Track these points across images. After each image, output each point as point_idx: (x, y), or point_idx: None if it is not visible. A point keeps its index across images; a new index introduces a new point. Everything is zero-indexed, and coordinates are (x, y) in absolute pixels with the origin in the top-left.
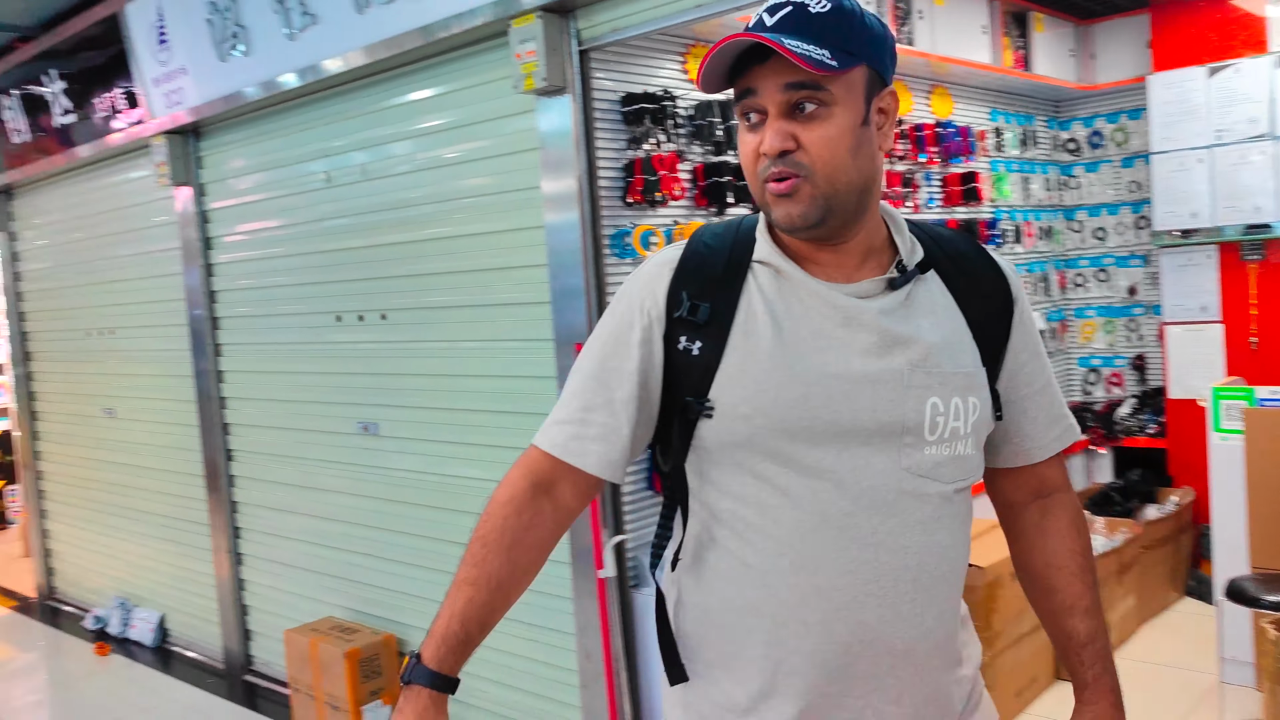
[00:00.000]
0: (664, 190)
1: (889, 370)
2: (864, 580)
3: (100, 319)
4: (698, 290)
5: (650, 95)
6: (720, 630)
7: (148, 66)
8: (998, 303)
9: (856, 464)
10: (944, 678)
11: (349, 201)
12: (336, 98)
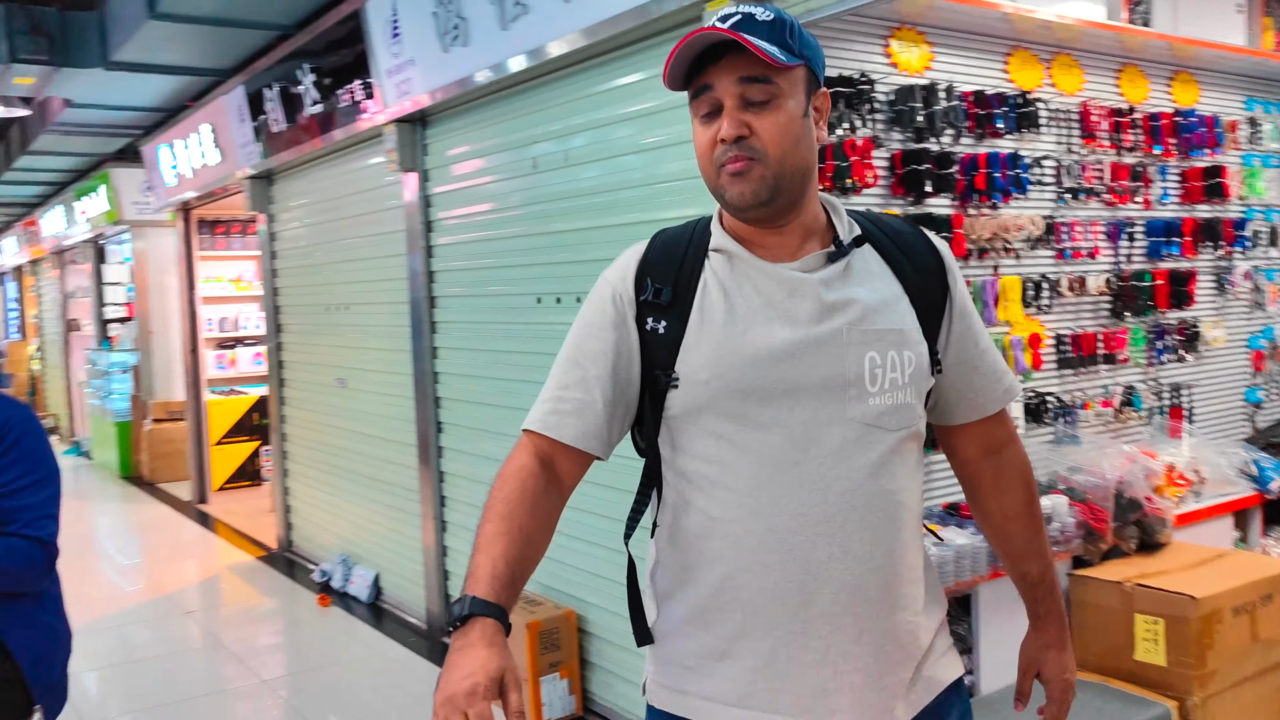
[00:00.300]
0: (855, 177)
1: (830, 331)
2: (814, 522)
3: (337, 295)
4: (660, 277)
5: (845, 79)
6: (693, 584)
7: (382, 58)
8: (934, 272)
9: (806, 417)
10: (902, 617)
11: (552, 187)
12: (544, 86)
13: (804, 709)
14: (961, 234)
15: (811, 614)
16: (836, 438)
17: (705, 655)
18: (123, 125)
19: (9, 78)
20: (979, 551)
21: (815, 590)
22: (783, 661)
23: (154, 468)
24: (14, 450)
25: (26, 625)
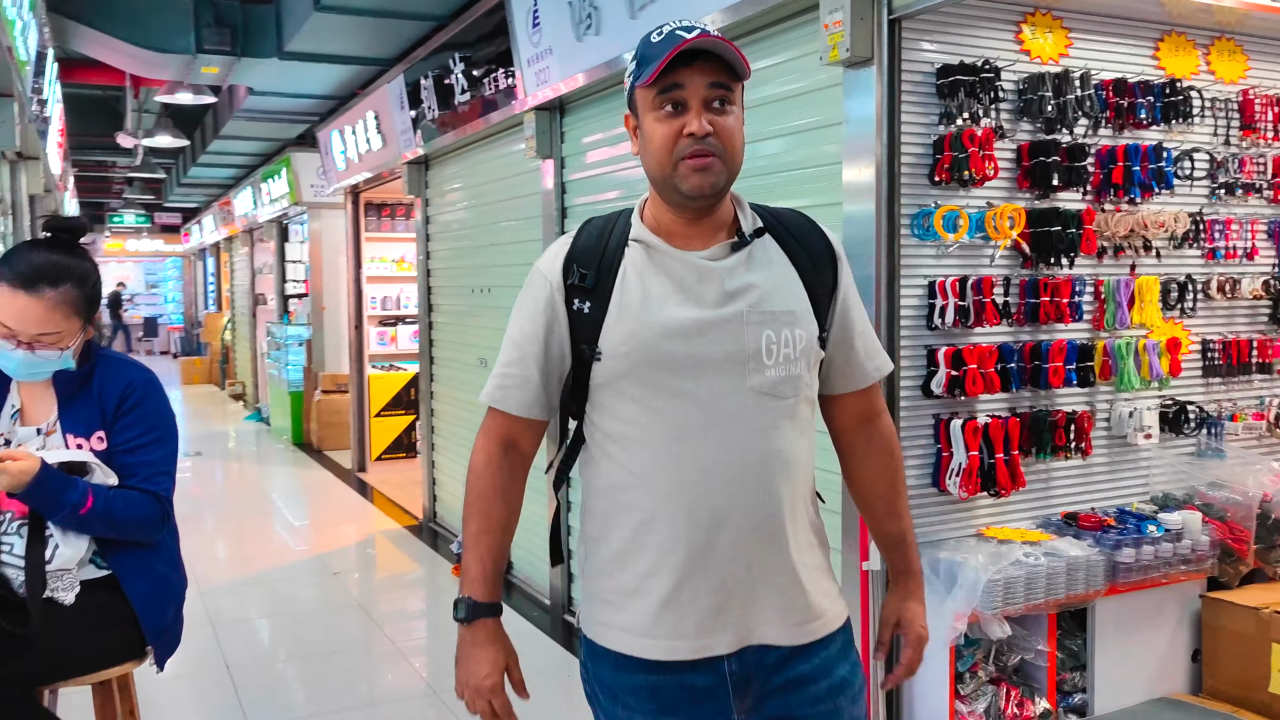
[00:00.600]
0: (973, 169)
1: (732, 313)
2: (718, 476)
3: (481, 278)
4: (585, 264)
5: (967, 66)
6: (614, 529)
7: (524, 48)
8: (825, 259)
9: (711, 386)
10: (791, 556)
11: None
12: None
13: (703, 632)
14: (1092, 230)
15: (712, 552)
16: (737, 404)
17: (622, 592)
18: (300, 112)
19: (197, 67)
20: (1094, 565)
21: (717, 532)
22: (686, 594)
23: (321, 436)
24: (136, 410)
25: (141, 573)
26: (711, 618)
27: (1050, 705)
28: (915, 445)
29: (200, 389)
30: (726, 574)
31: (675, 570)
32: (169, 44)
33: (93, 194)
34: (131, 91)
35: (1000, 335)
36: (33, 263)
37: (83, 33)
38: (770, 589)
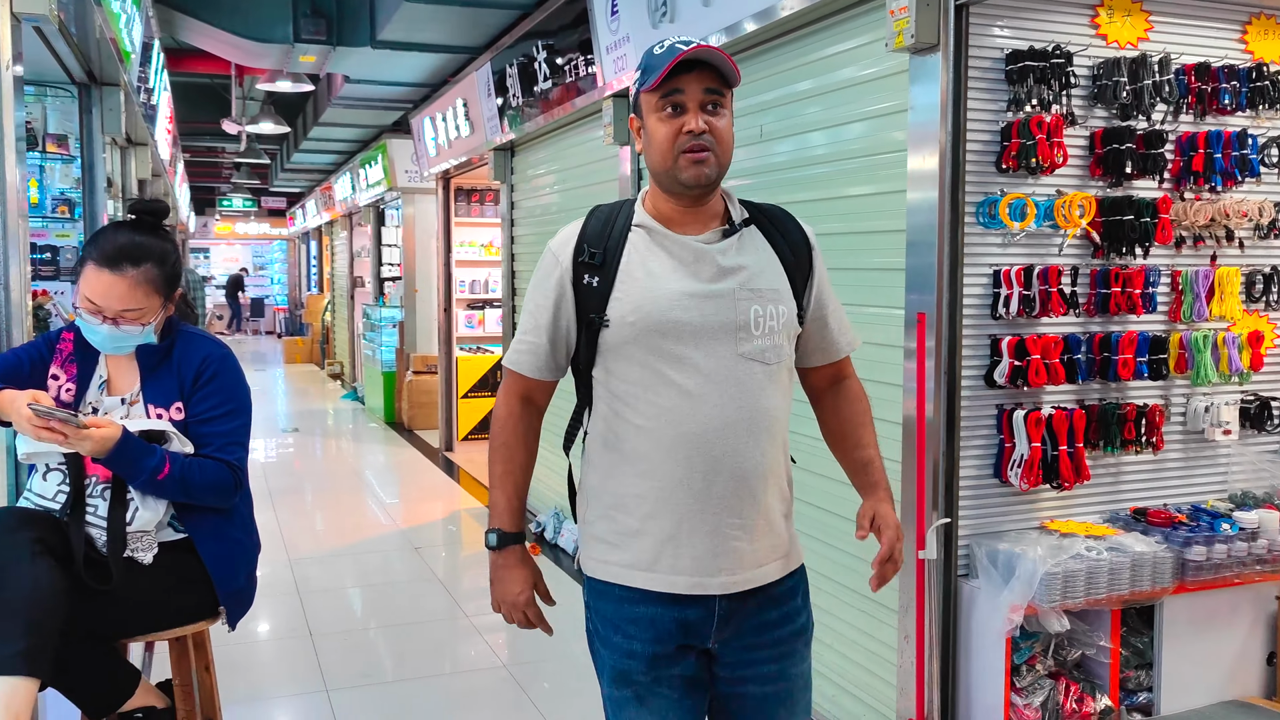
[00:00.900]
0: (1040, 156)
1: (724, 289)
2: (714, 429)
3: None
4: (594, 244)
5: (1037, 52)
6: (618, 478)
7: (603, 35)
8: (803, 249)
9: (707, 352)
10: (771, 503)
11: (747, 162)
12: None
13: (698, 569)
14: (1168, 219)
15: (708, 497)
16: (729, 368)
17: (625, 533)
18: (394, 99)
19: (295, 56)
20: (1161, 562)
21: (713, 479)
22: (684, 534)
23: (412, 415)
24: (212, 383)
25: (215, 537)
26: (708, 558)
27: (1112, 702)
28: (976, 435)
29: (301, 368)
30: (720, 518)
31: (674, 513)
32: (268, 34)
33: (203, 178)
34: (236, 80)
35: (1067, 326)
36: (117, 243)
37: (189, 24)
38: (754, 533)
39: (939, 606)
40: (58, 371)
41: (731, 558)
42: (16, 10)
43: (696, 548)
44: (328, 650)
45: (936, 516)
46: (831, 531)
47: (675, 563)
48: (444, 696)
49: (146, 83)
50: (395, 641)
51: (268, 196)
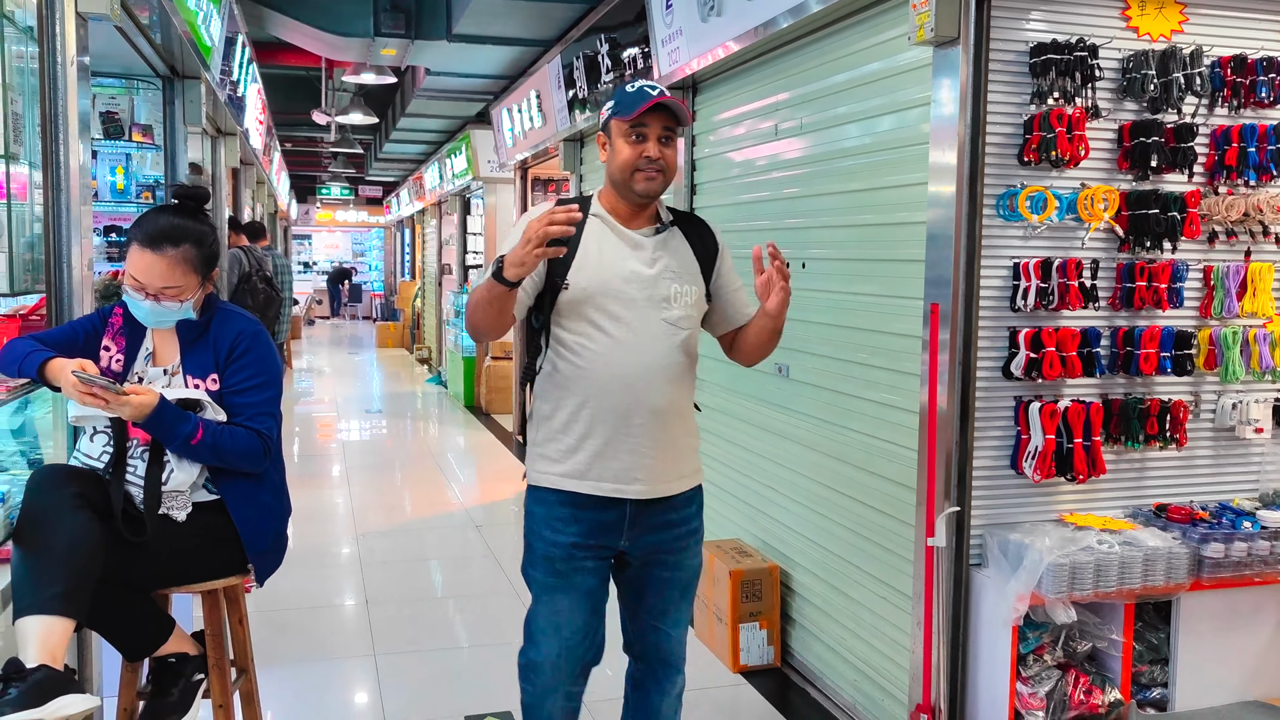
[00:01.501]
0: (1060, 149)
1: (654, 270)
2: (638, 374)
3: None
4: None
5: (1060, 45)
6: (562, 407)
7: (658, 28)
8: (712, 247)
9: (638, 315)
10: (679, 433)
11: (789, 153)
12: (786, 55)
13: (618, 479)
14: (1195, 214)
15: (630, 425)
16: (653, 330)
17: (565, 450)
18: (475, 91)
19: (376, 49)
20: (1177, 557)
21: (634, 410)
22: (610, 452)
23: (489, 400)
24: (245, 357)
25: (245, 500)
26: (626, 471)
27: (1123, 696)
28: (993, 426)
29: (393, 352)
30: (638, 441)
31: (604, 435)
32: (350, 28)
33: (302, 167)
34: (326, 73)
35: (1089, 319)
36: (159, 225)
37: (276, 19)
38: (663, 455)
39: (950, 595)
40: (109, 343)
41: (644, 472)
42: (81, 9)
43: (618, 463)
44: (380, 618)
45: (947, 505)
46: (860, 520)
47: (601, 473)
48: (482, 664)
49: (230, 75)
50: (443, 612)
51: (364, 185)
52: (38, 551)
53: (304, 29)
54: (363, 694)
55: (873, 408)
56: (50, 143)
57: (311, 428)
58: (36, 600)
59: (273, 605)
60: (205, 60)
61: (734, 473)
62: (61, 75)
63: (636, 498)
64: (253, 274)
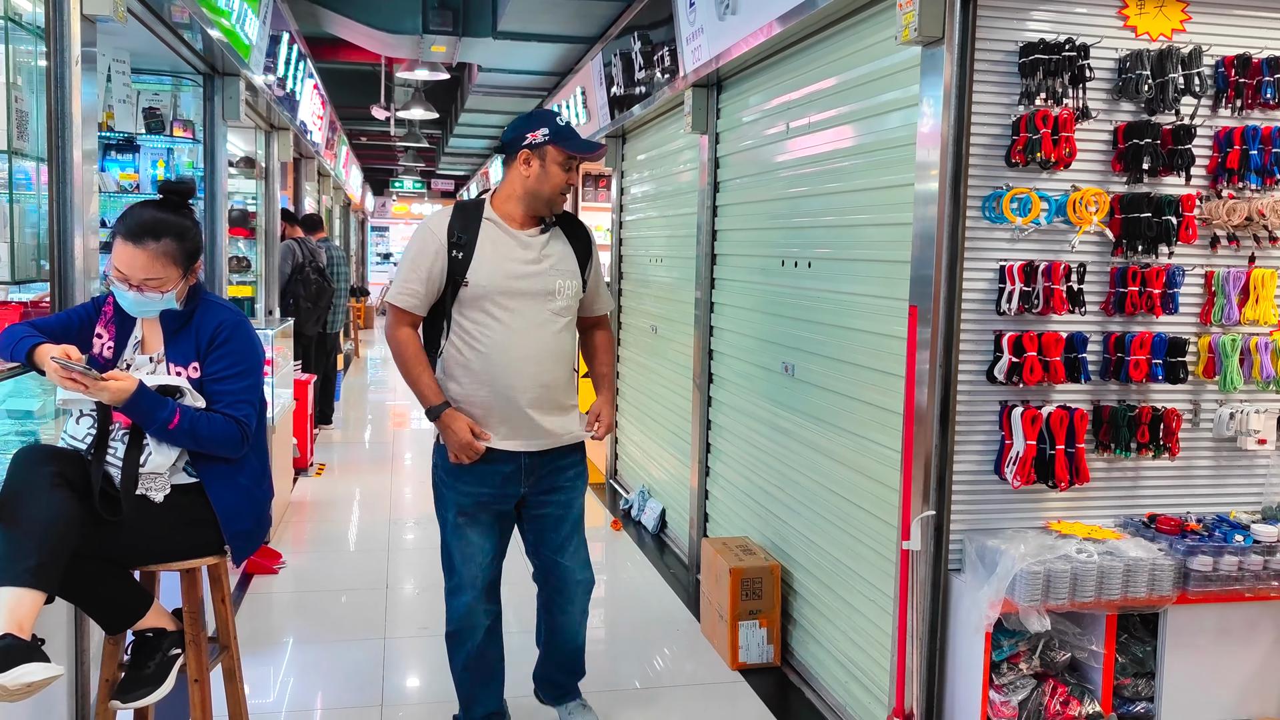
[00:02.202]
0: (1045, 151)
1: (541, 268)
2: (528, 356)
3: (655, 248)
4: (460, 229)
5: (1048, 45)
6: (467, 385)
7: (683, 26)
8: (586, 245)
9: (527, 307)
10: (563, 401)
11: (797, 152)
12: (797, 54)
13: (514, 437)
14: (1192, 218)
15: (521, 398)
16: (541, 319)
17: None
18: (527, 87)
19: (426, 46)
20: (1160, 569)
21: (524, 386)
22: (508, 419)
23: None
24: (224, 347)
25: (223, 483)
26: (520, 432)
27: (1103, 709)
28: (977, 431)
29: None
30: (529, 410)
31: (501, 408)
32: (399, 25)
33: (375, 160)
34: (386, 69)
35: (1078, 324)
36: (141, 219)
37: (330, 17)
38: (549, 417)
39: (928, 599)
40: (101, 331)
41: (536, 432)
42: (86, 11)
43: (514, 426)
44: (397, 602)
45: (925, 508)
46: (852, 521)
47: (501, 434)
48: None
49: (276, 72)
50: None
51: (436, 179)
52: (14, 526)
53: (357, 26)
54: (367, 675)
55: (867, 409)
56: (55, 138)
57: (371, 415)
58: (8, 572)
59: (297, 587)
60: (243, 58)
61: (744, 470)
62: (67, 73)
63: (530, 450)
64: (305, 265)
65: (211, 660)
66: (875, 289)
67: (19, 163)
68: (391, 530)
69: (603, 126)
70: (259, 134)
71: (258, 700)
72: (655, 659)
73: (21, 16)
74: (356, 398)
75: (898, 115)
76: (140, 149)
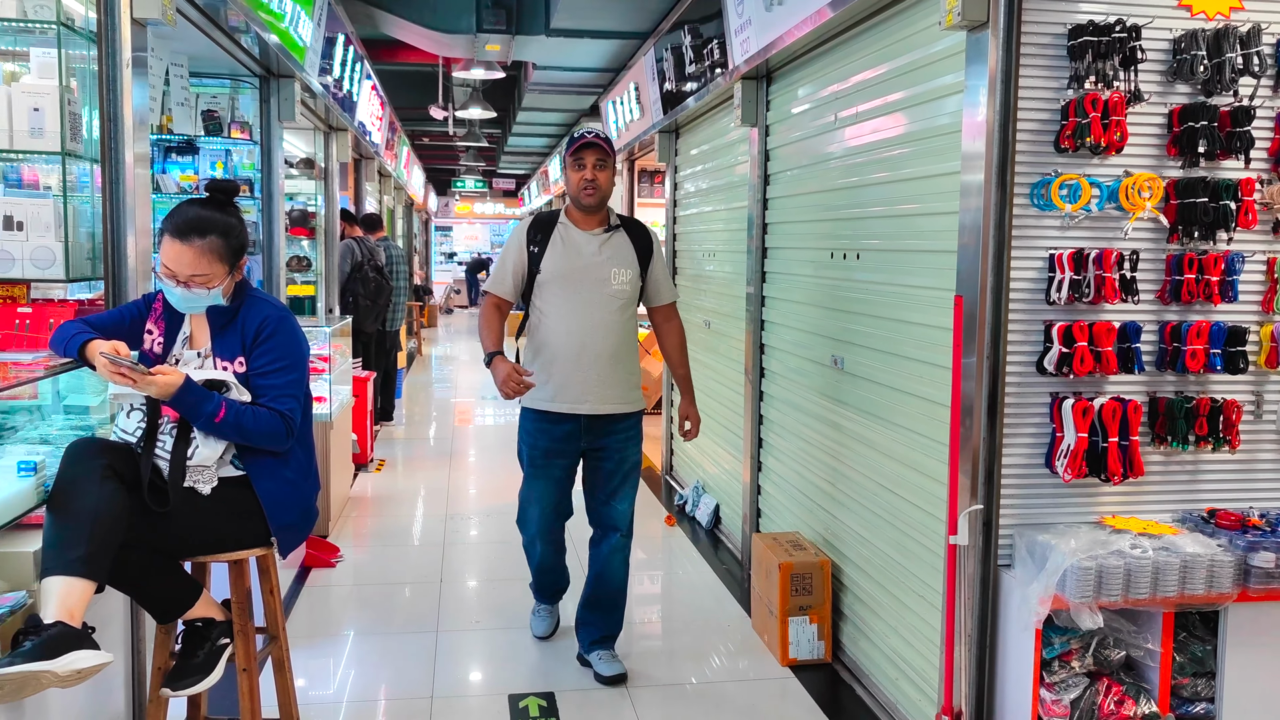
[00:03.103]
0: (1096, 136)
1: (600, 259)
2: (589, 329)
3: (709, 243)
4: (539, 230)
5: (1098, 26)
6: (541, 354)
7: (731, 19)
8: (646, 244)
9: (590, 289)
10: (620, 373)
11: (845, 143)
12: (843, 44)
13: (575, 402)
14: (1252, 202)
15: (582, 364)
16: (600, 299)
17: (542, 383)
18: (583, 84)
19: (480, 45)
20: (1220, 566)
21: (585, 355)
22: (570, 384)
23: None
24: (269, 342)
25: (270, 476)
26: (580, 396)
27: (1160, 709)
28: (1027, 424)
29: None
30: (588, 375)
31: (564, 372)
32: (453, 25)
33: (437, 161)
34: (443, 69)
35: (1133, 313)
36: (187, 216)
37: (385, 18)
38: (608, 387)
39: (977, 595)
40: (151, 327)
41: (594, 397)
42: (136, 15)
43: (575, 391)
44: (450, 596)
45: (973, 502)
46: (902, 516)
47: (561, 397)
48: (538, 645)
49: (331, 73)
50: (510, 593)
51: (497, 178)
52: (65, 517)
53: (412, 27)
54: (418, 668)
55: (916, 402)
56: (108, 140)
57: (433, 412)
58: (60, 562)
59: (354, 580)
60: (298, 60)
61: (794, 464)
62: (119, 76)
63: (590, 411)
64: (364, 263)
65: (261, 650)
66: (924, 280)
67: (79, 164)
68: (449, 526)
69: (656, 121)
70: (318, 135)
71: (314, 691)
72: (708, 655)
73: (74, 21)
74: (419, 395)
75: (944, 102)
76: (199, 151)
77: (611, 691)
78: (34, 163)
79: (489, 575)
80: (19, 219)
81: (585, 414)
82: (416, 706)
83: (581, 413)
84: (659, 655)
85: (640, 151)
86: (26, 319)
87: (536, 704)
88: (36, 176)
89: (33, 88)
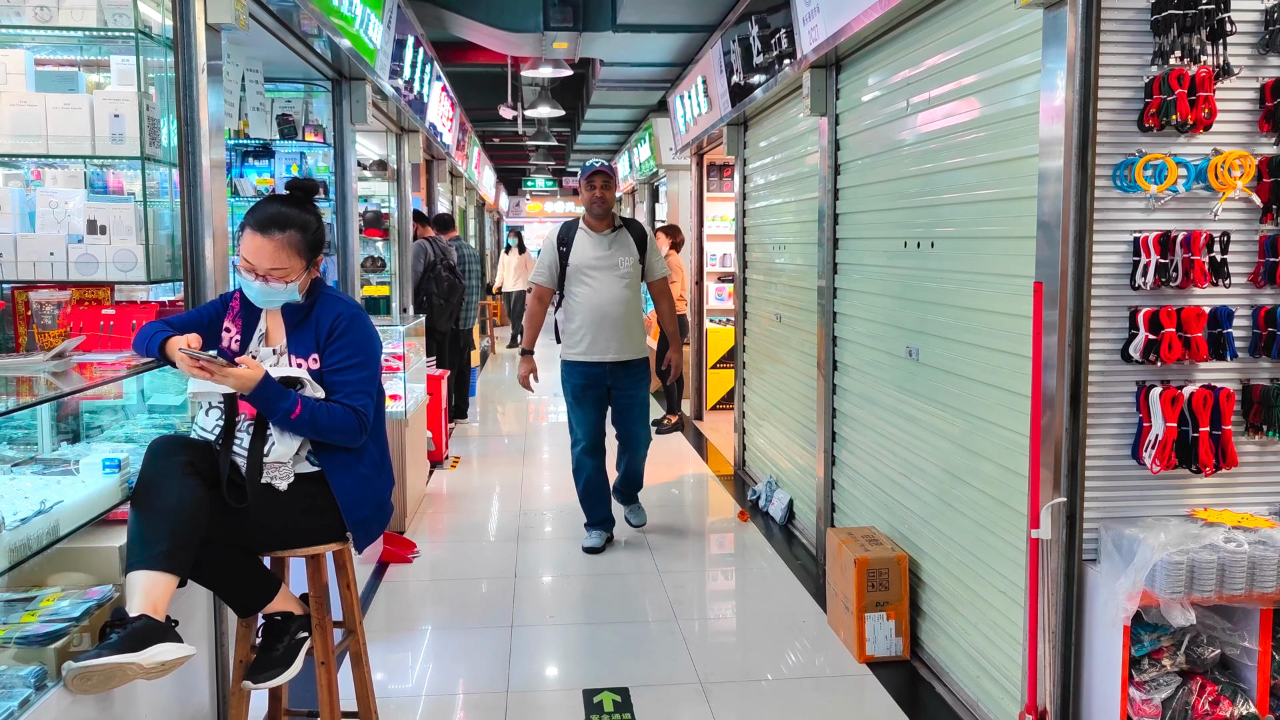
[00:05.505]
0: (1182, 113)
1: (610, 252)
2: (605, 303)
3: (778, 235)
4: (565, 235)
5: None
6: (572, 322)
7: (799, 7)
8: (640, 236)
9: (603, 275)
10: (632, 332)
11: (918, 129)
12: (914, 29)
13: (600, 353)
14: None
15: (602, 327)
16: (611, 283)
17: (573, 342)
18: (650, 79)
19: (548, 43)
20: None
21: (603, 321)
22: (595, 341)
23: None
24: (343, 338)
25: (344, 472)
26: (602, 348)
27: (1259, 710)
28: (1112, 414)
29: None
30: (608, 334)
31: (589, 334)
32: (521, 23)
33: (508, 161)
34: (511, 68)
35: (1224, 298)
36: (268, 212)
37: (454, 19)
38: (622, 340)
39: (1061, 591)
40: (229, 325)
41: (614, 348)
42: (210, 21)
43: (599, 345)
44: (525, 591)
45: (1055, 495)
46: (980, 509)
47: (590, 351)
48: (612, 640)
49: (402, 75)
50: (584, 587)
51: (566, 177)
52: (148, 513)
53: (480, 27)
54: (493, 662)
55: (994, 393)
56: (185, 145)
57: (507, 410)
58: (144, 557)
59: (430, 575)
60: (369, 62)
61: (869, 458)
62: (195, 81)
63: (611, 359)
64: (437, 263)
65: (339, 644)
66: (1001, 267)
67: (158, 169)
68: (522, 521)
69: (724, 114)
70: (390, 137)
71: (392, 685)
72: (783, 651)
73: (151, 29)
74: (493, 393)
75: (1020, 84)
76: (275, 154)
77: (686, 687)
78: (116, 168)
79: (562, 571)
80: (102, 223)
81: (610, 360)
82: (493, 701)
83: (607, 360)
84: (734, 652)
85: (709, 145)
86: (110, 320)
87: (611, 699)
88: (121, 183)
89: (113, 95)
